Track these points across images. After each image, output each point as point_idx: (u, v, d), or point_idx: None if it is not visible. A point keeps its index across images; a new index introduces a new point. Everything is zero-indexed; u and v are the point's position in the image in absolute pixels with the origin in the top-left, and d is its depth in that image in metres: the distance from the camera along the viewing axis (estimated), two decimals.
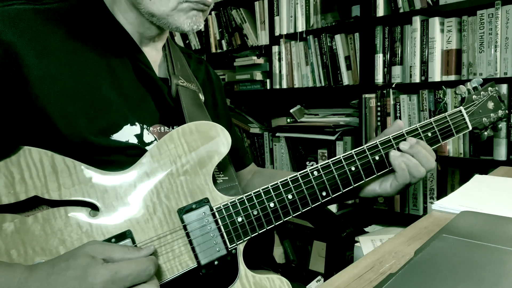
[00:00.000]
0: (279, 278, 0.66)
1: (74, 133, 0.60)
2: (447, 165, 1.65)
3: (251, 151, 2.46)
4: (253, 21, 2.29)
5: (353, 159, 0.72)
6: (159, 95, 0.71)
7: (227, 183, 0.73)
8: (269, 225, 0.67)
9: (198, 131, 0.66)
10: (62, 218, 0.58)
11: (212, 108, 0.86)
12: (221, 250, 0.64)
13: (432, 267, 0.52)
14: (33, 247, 0.56)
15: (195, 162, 0.65)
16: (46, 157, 0.58)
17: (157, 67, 0.76)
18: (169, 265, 0.61)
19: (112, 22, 0.69)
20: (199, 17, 0.68)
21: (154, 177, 0.63)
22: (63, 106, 0.60)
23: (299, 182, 0.68)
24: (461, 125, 0.80)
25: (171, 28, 0.68)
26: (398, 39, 1.70)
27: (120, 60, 0.68)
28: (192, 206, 0.63)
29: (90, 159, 0.61)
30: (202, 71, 0.89)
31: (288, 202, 0.67)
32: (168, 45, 0.80)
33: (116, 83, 0.66)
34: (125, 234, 0.60)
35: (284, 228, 2.20)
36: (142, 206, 0.61)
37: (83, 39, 0.65)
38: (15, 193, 0.56)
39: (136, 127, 0.67)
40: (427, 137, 0.76)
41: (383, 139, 0.74)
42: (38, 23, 0.61)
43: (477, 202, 0.79)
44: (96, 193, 0.59)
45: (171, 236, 0.62)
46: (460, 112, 0.81)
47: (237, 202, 0.65)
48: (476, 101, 0.83)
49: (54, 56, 0.61)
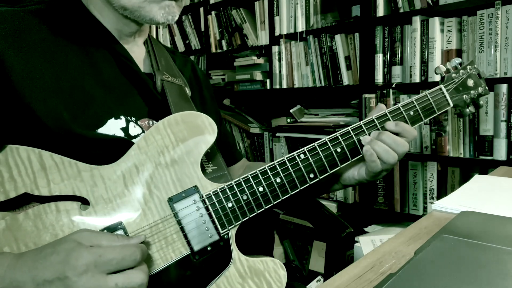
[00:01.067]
0: (273, 260, 0.67)
1: (60, 127, 0.60)
2: (447, 165, 1.65)
3: (251, 151, 2.46)
4: (253, 21, 2.29)
5: (338, 140, 0.73)
6: (145, 89, 0.72)
7: (216, 172, 0.74)
8: (259, 209, 0.68)
9: (184, 121, 0.66)
10: (53, 213, 0.58)
11: (200, 104, 0.87)
12: (213, 236, 0.65)
13: (432, 267, 0.52)
14: (26, 243, 0.56)
15: (182, 151, 0.65)
16: (34, 154, 0.59)
17: (141, 63, 0.76)
18: (162, 253, 0.62)
19: (90, 19, 0.70)
20: (172, 7, 0.68)
21: (143, 168, 0.63)
22: (47, 102, 0.60)
23: (286, 165, 0.70)
24: (442, 103, 0.81)
25: (145, 21, 0.68)
26: (398, 39, 1.70)
27: (101, 54, 0.69)
28: (182, 195, 0.64)
29: (78, 154, 0.61)
30: (188, 68, 0.90)
31: (277, 186, 0.68)
32: (151, 42, 0.81)
33: (99, 78, 0.67)
34: (116, 225, 0.60)
35: (284, 228, 2.20)
36: (132, 198, 0.62)
37: (63, 36, 0.66)
38: (4, 191, 0.57)
39: (121, 121, 0.67)
40: (409, 116, 0.77)
41: (367, 120, 0.75)
42: (18, 23, 0.62)
43: (477, 202, 0.79)
44: (85, 187, 0.60)
45: (163, 224, 0.63)
46: (440, 90, 0.82)
47: (226, 188, 0.66)
48: (456, 79, 0.85)
49: (35, 54, 0.62)
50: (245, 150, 2.49)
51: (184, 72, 0.87)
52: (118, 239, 0.54)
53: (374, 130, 0.74)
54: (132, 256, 0.52)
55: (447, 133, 1.59)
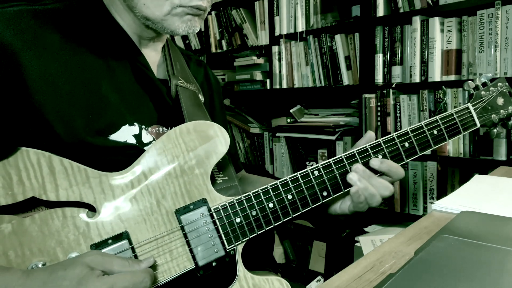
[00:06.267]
0: (279, 280, 0.66)
1: (71, 134, 0.59)
2: (447, 165, 1.65)
3: (251, 151, 2.46)
4: (253, 21, 2.29)
5: (354, 158, 0.70)
6: (157, 95, 0.71)
7: (226, 183, 0.72)
8: (268, 226, 0.66)
9: (196, 130, 0.65)
10: (59, 219, 0.58)
11: (209, 110, 0.85)
12: (219, 251, 0.64)
13: (432, 267, 0.52)
14: (31, 248, 0.56)
15: (193, 162, 0.64)
16: (44, 158, 0.58)
17: (156, 68, 0.75)
18: (167, 266, 0.61)
19: (111, 23, 0.69)
20: (194, 22, 0.68)
21: (152, 177, 0.62)
22: (60, 107, 0.59)
23: (299, 182, 0.68)
24: (468, 123, 0.77)
25: (166, 32, 0.68)
26: (398, 39, 1.70)
27: (119, 61, 0.68)
28: (190, 207, 0.63)
29: (88, 160, 0.60)
30: (201, 73, 0.89)
31: (288, 203, 0.67)
32: (168, 46, 0.80)
33: (115, 83, 0.66)
34: (121, 235, 0.59)
35: (284, 228, 2.20)
36: (139, 207, 0.61)
37: (82, 40, 0.65)
38: (12, 194, 0.56)
39: (135, 127, 0.66)
40: (432, 135, 0.73)
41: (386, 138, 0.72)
42: (36, 23, 0.61)
43: (477, 202, 0.79)
44: (93, 194, 0.59)
45: (169, 237, 0.62)
46: (467, 109, 0.78)
47: (235, 203, 0.65)
48: (485, 97, 0.80)
49: (52, 57, 0.61)
50: (245, 150, 2.49)
51: (198, 77, 0.86)
52: (129, 264, 0.54)
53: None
54: (142, 284, 0.52)
55: None
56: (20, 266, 0.55)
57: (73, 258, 0.54)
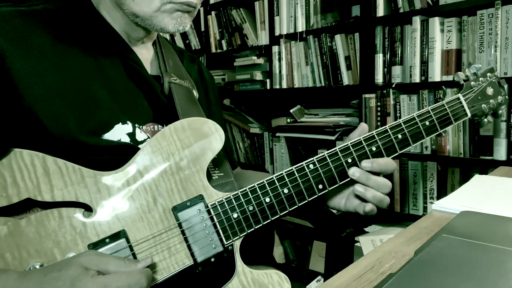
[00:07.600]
0: (277, 273, 0.66)
1: (63, 134, 0.59)
2: (447, 165, 1.65)
3: (251, 151, 2.46)
4: (253, 21, 2.29)
5: (349, 150, 0.70)
6: (151, 93, 0.71)
7: (222, 179, 0.72)
8: (265, 221, 0.66)
9: (191, 127, 0.65)
10: (56, 219, 0.57)
11: (205, 106, 0.85)
12: (217, 247, 0.64)
13: (432, 267, 0.52)
14: (28, 250, 0.56)
15: (188, 159, 0.64)
16: (38, 158, 0.58)
17: (148, 65, 0.75)
18: (165, 263, 0.61)
19: (99, 21, 0.69)
20: (184, 18, 0.68)
21: (148, 175, 0.62)
22: (51, 107, 0.59)
23: (294, 176, 0.68)
24: (459, 113, 0.79)
25: (156, 29, 0.68)
26: (398, 39, 1.70)
27: (110, 59, 0.68)
28: (186, 204, 0.63)
29: (82, 160, 0.60)
30: (195, 69, 0.89)
31: (284, 197, 0.67)
32: (159, 42, 0.80)
33: (106, 82, 0.66)
34: (119, 234, 0.59)
35: (284, 228, 2.20)
36: (136, 205, 0.61)
37: (71, 39, 0.65)
38: (7, 196, 0.56)
39: (128, 126, 0.66)
40: (424, 126, 0.74)
41: (379, 130, 0.72)
42: (23, 24, 0.61)
43: (477, 202, 0.79)
44: (89, 194, 0.59)
45: (167, 234, 0.62)
46: (458, 99, 0.79)
47: (232, 198, 0.65)
48: (475, 87, 0.82)
49: (41, 57, 0.60)
50: (245, 150, 2.49)
51: (191, 73, 0.86)
52: (125, 264, 0.54)
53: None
54: (138, 284, 0.52)
55: (447, 133, 1.59)
56: (17, 268, 0.55)
57: (69, 259, 0.54)
